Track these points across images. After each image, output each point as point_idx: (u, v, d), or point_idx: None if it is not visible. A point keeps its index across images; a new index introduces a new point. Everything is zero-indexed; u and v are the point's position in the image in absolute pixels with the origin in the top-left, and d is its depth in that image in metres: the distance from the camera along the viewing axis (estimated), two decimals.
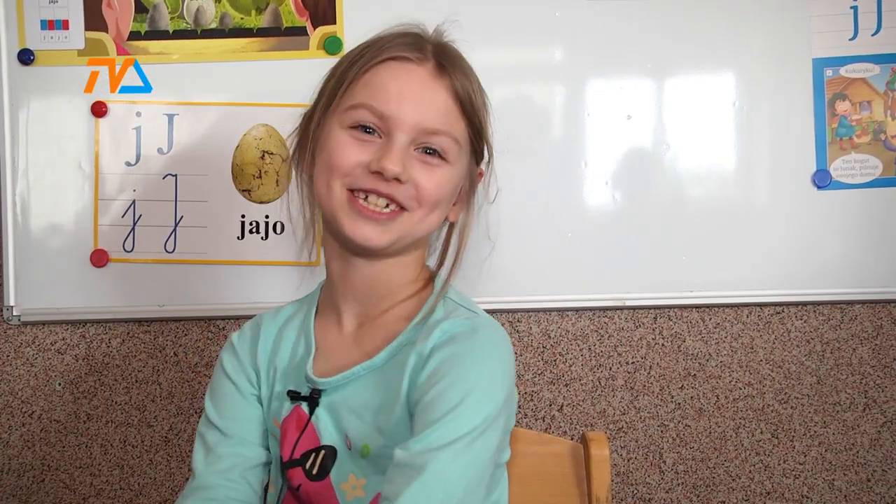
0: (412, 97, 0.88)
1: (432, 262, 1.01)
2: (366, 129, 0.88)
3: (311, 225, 0.99)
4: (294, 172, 0.98)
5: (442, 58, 0.91)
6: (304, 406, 0.92)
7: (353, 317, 0.96)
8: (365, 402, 0.90)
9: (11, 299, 1.53)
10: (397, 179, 0.86)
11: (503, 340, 0.92)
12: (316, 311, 0.99)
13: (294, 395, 0.93)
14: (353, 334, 0.95)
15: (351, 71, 0.90)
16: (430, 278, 0.99)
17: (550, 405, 1.59)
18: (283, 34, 1.53)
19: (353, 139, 0.88)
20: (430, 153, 0.89)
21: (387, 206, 0.88)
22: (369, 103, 0.87)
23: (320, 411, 0.91)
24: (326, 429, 0.91)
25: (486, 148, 0.97)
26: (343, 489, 0.90)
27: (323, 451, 0.91)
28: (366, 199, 0.88)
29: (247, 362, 0.98)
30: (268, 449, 0.98)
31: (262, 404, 0.98)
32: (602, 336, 1.59)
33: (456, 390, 0.82)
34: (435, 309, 0.92)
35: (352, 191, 0.88)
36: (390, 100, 0.87)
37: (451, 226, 0.99)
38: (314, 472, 0.91)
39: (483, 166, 0.99)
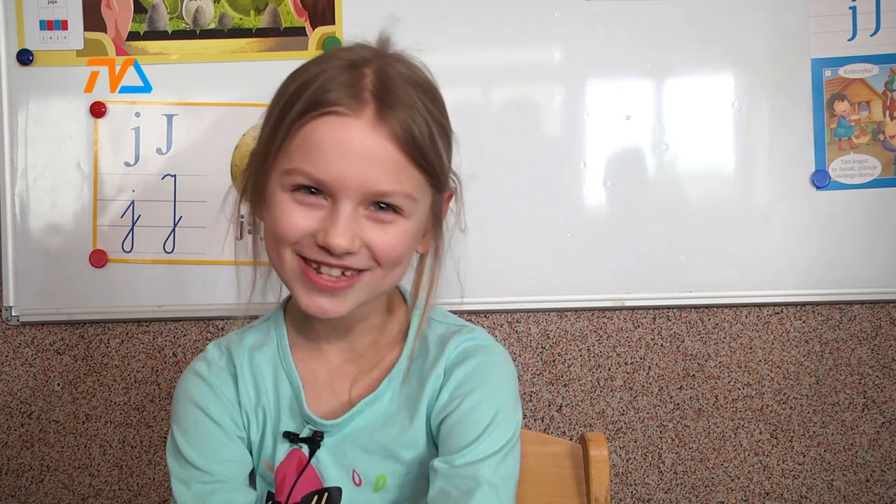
0: (353, 157, 0.78)
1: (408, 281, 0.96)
2: (309, 190, 0.81)
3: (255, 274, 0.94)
4: (247, 217, 0.93)
5: (382, 97, 0.80)
6: (304, 448, 0.89)
7: (338, 352, 0.92)
8: (371, 435, 0.89)
9: (10, 299, 1.53)
10: (348, 252, 0.80)
11: (506, 352, 0.95)
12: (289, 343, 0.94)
13: (294, 438, 0.89)
14: (342, 369, 0.92)
15: (284, 123, 0.81)
16: (401, 296, 0.96)
17: (549, 405, 1.59)
18: (282, 34, 1.53)
19: (297, 203, 0.81)
20: (383, 208, 0.81)
21: (342, 273, 0.82)
22: (306, 169, 0.79)
23: (321, 452, 0.89)
24: (329, 469, 0.89)
25: (450, 176, 0.89)
26: None
27: (326, 493, 0.89)
28: (318, 269, 0.82)
29: (229, 401, 0.91)
30: (254, 489, 0.93)
31: (248, 446, 0.92)
32: (601, 336, 1.59)
33: (488, 405, 0.86)
34: (423, 330, 0.92)
35: (301, 259, 0.83)
36: (329, 164, 0.78)
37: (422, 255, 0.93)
38: None
39: (452, 186, 0.91)
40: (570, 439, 1.37)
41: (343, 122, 0.79)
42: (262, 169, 0.85)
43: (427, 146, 0.81)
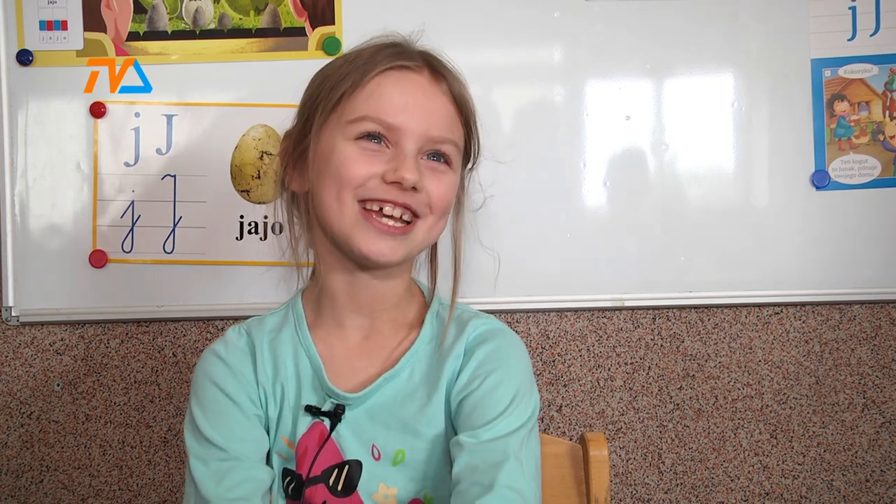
0: (418, 106, 0.88)
1: (422, 272, 1.03)
2: (373, 138, 0.88)
3: (305, 246, 0.98)
4: (283, 195, 0.97)
5: (434, 63, 0.92)
6: (326, 421, 0.91)
7: (358, 330, 0.96)
8: (390, 411, 0.91)
9: (10, 300, 1.53)
10: (414, 188, 0.87)
11: (519, 338, 0.99)
12: (307, 324, 0.97)
13: (315, 411, 0.91)
14: (361, 346, 0.95)
15: (345, 82, 0.89)
16: (417, 286, 1.02)
17: (549, 406, 1.59)
18: (281, 35, 1.53)
19: (362, 150, 0.87)
20: (436, 159, 0.90)
21: (401, 216, 0.88)
22: (376, 115, 0.87)
23: (341, 426, 0.91)
24: (349, 443, 0.91)
25: (476, 149, 0.99)
26: (374, 500, 0.91)
27: (347, 466, 0.91)
28: (380, 211, 0.87)
29: (247, 380, 0.94)
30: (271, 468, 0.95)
31: (266, 424, 0.94)
32: (601, 337, 1.59)
33: (508, 385, 0.90)
34: (440, 312, 0.98)
35: (362, 204, 0.88)
36: (397, 110, 0.87)
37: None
38: (339, 487, 0.91)
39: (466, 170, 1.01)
40: (570, 439, 1.37)
41: (408, 76, 0.89)
42: (312, 136, 0.90)
43: (471, 109, 0.94)
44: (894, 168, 1.55)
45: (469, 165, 1.00)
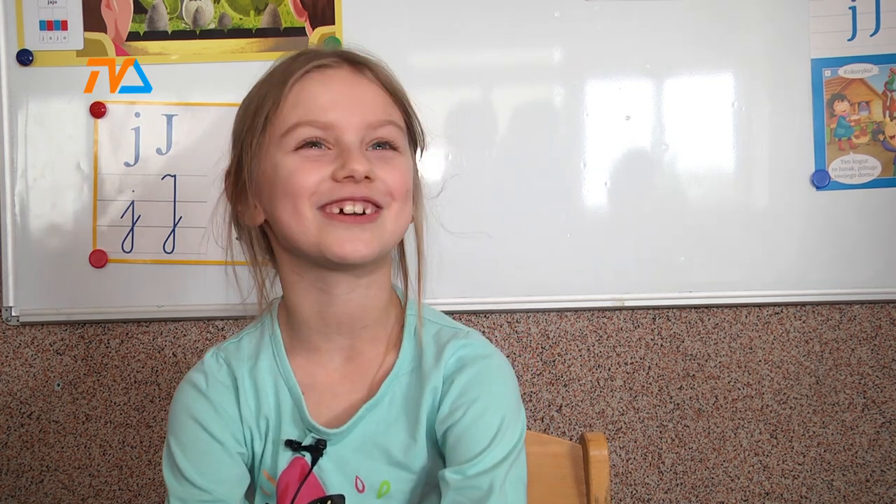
0: (346, 98, 0.84)
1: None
2: (312, 145, 0.83)
3: (261, 276, 0.93)
4: (235, 232, 0.93)
5: (351, 56, 0.88)
6: (307, 456, 0.87)
7: (337, 352, 0.90)
8: (373, 441, 0.88)
9: (10, 300, 1.53)
10: (367, 177, 0.82)
11: (503, 357, 0.94)
12: (284, 347, 0.92)
13: (296, 446, 0.87)
14: (341, 371, 0.90)
15: (267, 100, 0.85)
16: (396, 295, 0.96)
17: (549, 406, 1.59)
18: (281, 35, 1.53)
19: (304, 159, 0.83)
20: (382, 147, 0.86)
21: (363, 211, 0.83)
22: (308, 119, 0.83)
23: (323, 460, 0.87)
24: (331, 477, 0.88)
25: (421, 133, 0.93)
26: None
27: (330, 501, 0.88)
28: (341, 212, 0.83)
29: (230, 417, 0.89)
30: None
31: (250, 461, 0.91)
32: (601, 336, 1.59)
33: (493, 413, 0.87)
34: (419, 331, 0.92)
35: (321, 210, 0.83)
36: (327, 108, 0.83)
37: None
38: None
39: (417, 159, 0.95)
40: (570, 439, 1.37)
41: (328, 74, 0.86)
42: (249, 163, 0.87)
43: (401, 92, 0.89)
44: (894, 168, 1.55)
45: (419, 153, 0.94)
